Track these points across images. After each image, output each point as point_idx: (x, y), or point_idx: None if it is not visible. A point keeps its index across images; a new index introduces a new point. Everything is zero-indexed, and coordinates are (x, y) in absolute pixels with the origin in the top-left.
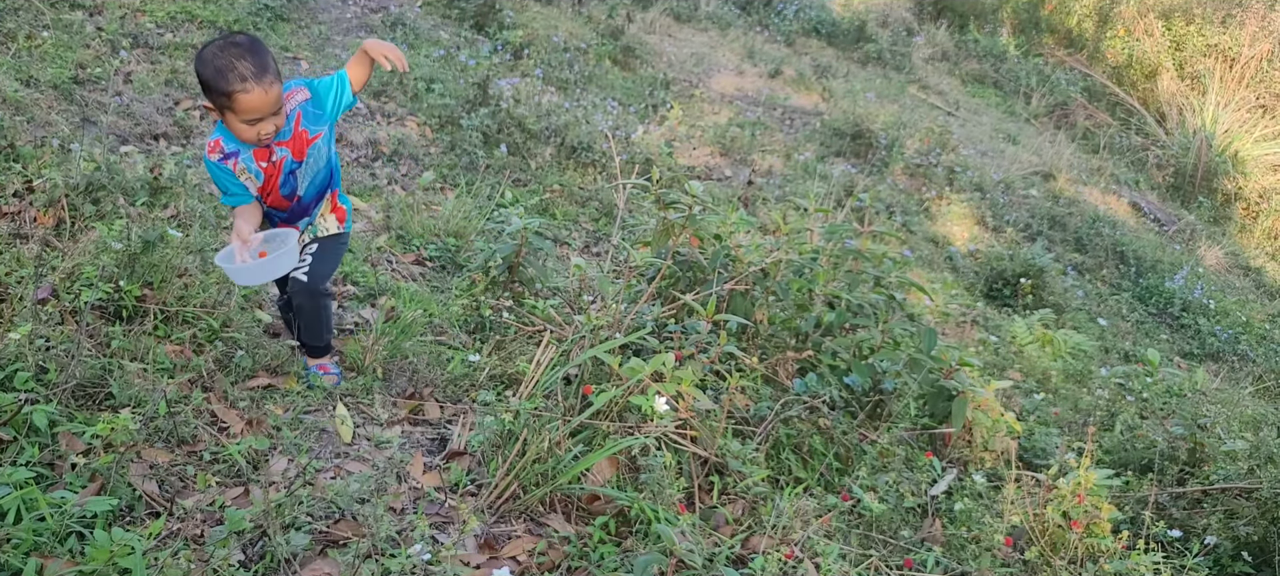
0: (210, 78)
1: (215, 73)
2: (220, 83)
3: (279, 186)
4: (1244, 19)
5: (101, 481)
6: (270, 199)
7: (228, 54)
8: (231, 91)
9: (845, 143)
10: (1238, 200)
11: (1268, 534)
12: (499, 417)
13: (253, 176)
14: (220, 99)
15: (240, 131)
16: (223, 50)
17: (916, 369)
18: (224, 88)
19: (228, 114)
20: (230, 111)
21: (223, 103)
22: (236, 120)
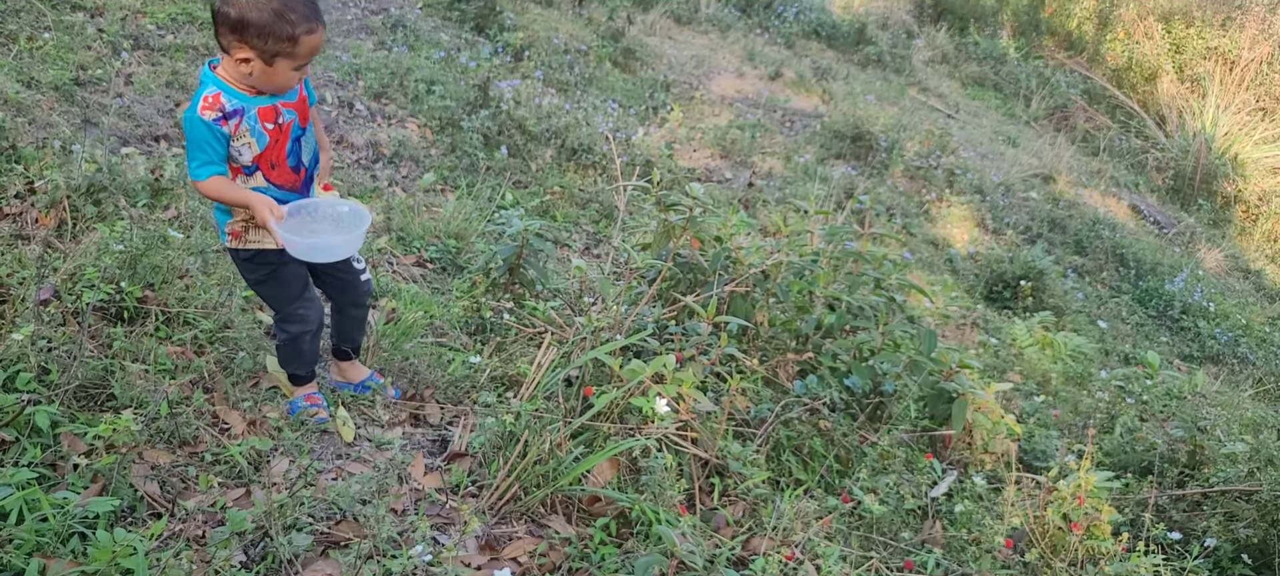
0: (266, 21)
1: (274, 16)
2: (282, 25)
3: (286, 155)
4: (1244, 22)
5: (103, 482)
6: (276, 173)
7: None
8: (297, 33)
9: (845, 145)
10: (1237, 203)
11: (1268, 536)
12: (500, 419)
13: (254, 139)
14: (281, 44)
15: (287, 82)
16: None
17: (917, 371)
18: (287, 30)
19: (279, 60)
20: (284, 57)
21: (284, 49)
22: (287, 66)
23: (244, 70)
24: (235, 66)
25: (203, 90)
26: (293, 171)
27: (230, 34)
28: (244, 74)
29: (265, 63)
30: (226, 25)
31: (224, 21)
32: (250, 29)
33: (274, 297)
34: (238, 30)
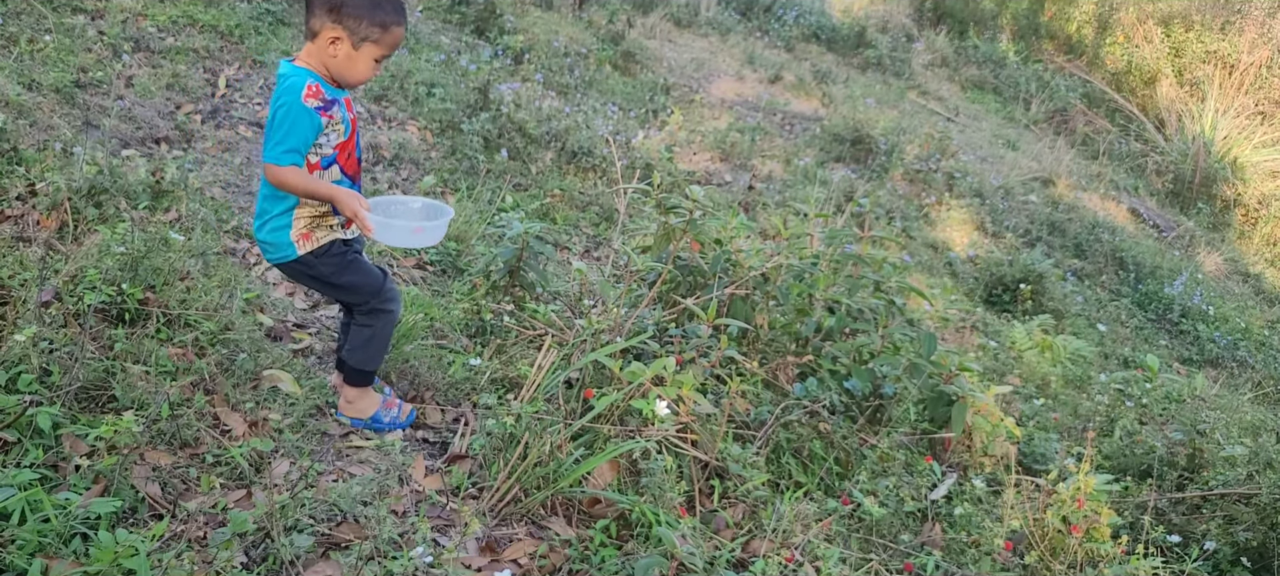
0: (363, 4)
1: (371, 2)
2: (377, 11)
3: (355, 147)
4: (1243, 26)
5: (105, 483)
6: (349, 163)
7: None
8: (391, 22)
9: (845, 148)
10: (1237, 206)
11: (1267, 539)
12: (500, 421)
13: (341, 126)
14: (373, 29)
15: (366, 71)
16: None
17: (916, 374)
18: (381, 17)
19: (367, 46)
20: (375, 44)
21: (374, 33)
22: (371, 54)
23: (330, 52)
24: (321, 51)
25: (302, 79)
26: (358, 162)
27: (326, 14)
28: (329, 56)
29: (353, 46)
30: (324, 5)
31: (322, 3)
32: (347, 9)
33: (361, 285)
34: (335, 10)
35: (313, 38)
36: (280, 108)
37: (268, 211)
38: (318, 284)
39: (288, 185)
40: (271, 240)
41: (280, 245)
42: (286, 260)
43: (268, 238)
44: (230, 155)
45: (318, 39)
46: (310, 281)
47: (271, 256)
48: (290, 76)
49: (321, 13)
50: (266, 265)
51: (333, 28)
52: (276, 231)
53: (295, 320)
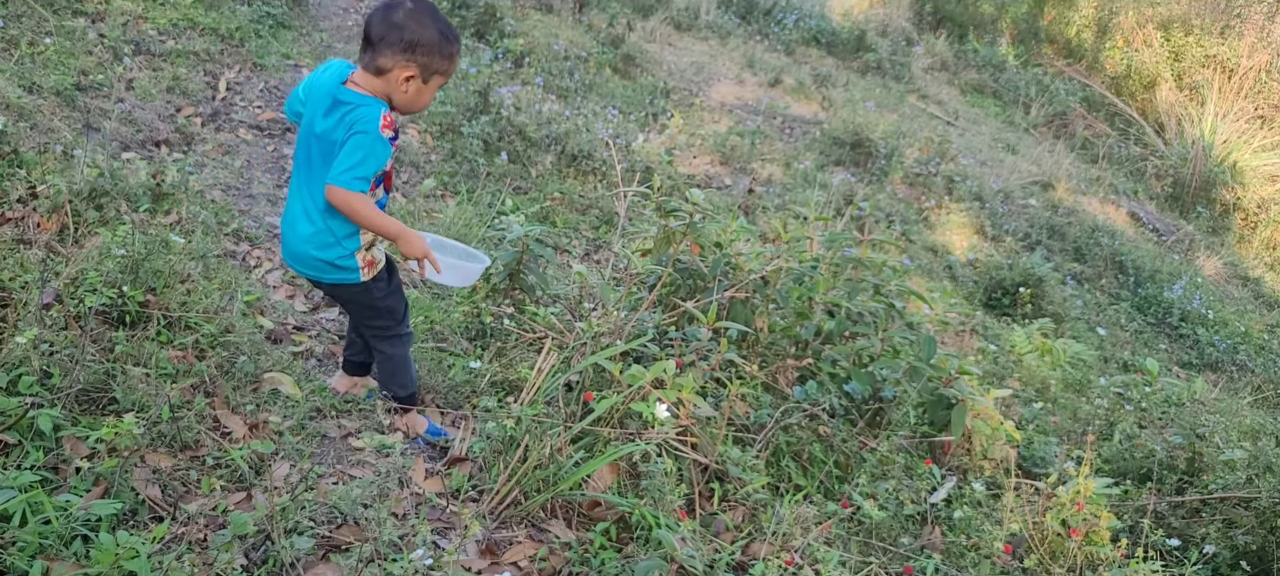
0: (435, 41)
1: (439, 37)
2: (446, 45)
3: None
4: (1242, 30)
5: (105, 485)
6: (387, 183)
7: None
8: (456, 53)
9: (845, 151)
10: (1236, 210)
11: (1266, 543)
12: (500, 424)
13: (395, 155)
14: (443, 62)
15: (429, 100)
16: (437, 12)
17: (916, 377)
18: (449, 49)
19: (436, 78)
20: (439, 76)
21: (443, 66)
22: (438, 84)
23: (402, 88)
24: (392, 86)
25: (377, 110)
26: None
27: (399, 54)
28: (400, 91)
29: (423, 81)
30: (398, 46)
31: (395, 43)
32: (419, 49)
33: (397, 310)
34: (409, 50)
35: (380, 74)
36: (357, 135)
37: (334, 232)
38: (360, 307)
39: (353, 211)
40: (339, 263)
41: (348, 270)
42: (345, 283)
43: (334, 259)
44: (231, 158)
45: (388, 76)
46: (355, 303)
47: (329, 277)
48: (362, 105)
49: (394, 52)
50: (267, 268)
51: (406, 66)
52: (347, 255)
53: (295, 323)
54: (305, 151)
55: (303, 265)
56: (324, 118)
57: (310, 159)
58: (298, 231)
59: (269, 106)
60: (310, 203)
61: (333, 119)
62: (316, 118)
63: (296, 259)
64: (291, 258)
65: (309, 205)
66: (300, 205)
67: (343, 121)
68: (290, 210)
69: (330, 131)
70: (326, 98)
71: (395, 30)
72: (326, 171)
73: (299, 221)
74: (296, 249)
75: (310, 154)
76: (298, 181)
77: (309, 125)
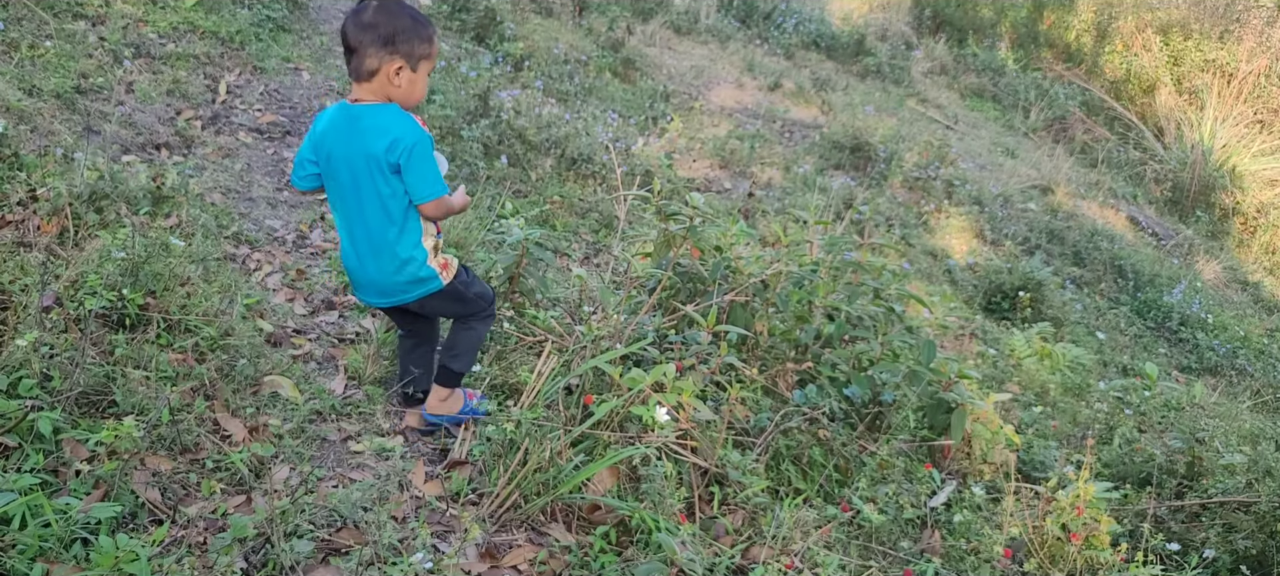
0: (410, 26)
1: (413, 21)
2: (422, 27)
3: None
4: (1241, 34)
5: (105, 488)
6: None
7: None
8: (432, 33)
9: (844, 155)
10: (1235, 215)
11: (1266, 547)
12: (500, 427)
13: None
14: (423, 45)
15: (424, 88)
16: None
17: (916, 381)
18: (426, 32)
19: (423, 63)
20: (427, 59)
21: (424, 49)
22: (427, 70)
23: (395, 83)
24: (386, 86)
25: (406, 116)
26: None
27: (382, 49)
28: (394, 88)
29: (412, 69)
30: (377, 43)
31: (374, 41)
32: (399, 37)
33: (485, 293)
34: (389, 43)
35: (371, 76)
36: (413, 146)
37: (400, 255)
38: (454, 304)
39: (448, 209)
40: (420, 275)
41: (429, 279)
42: (432, 293)
43: (414, 275)
44: (231, 161)
45: (378, 75)
46: (444, 304)
47: (416, 293)
48: (390, 117)
49: (376, 50)
50: (267, 271)
51: (391, 59)
52: (422, 266)
53: (295, 326)
54: (350, 188)
55: (386, 296)
56: (351, 138)
57: (359, 194)
58: (371, 268)
59: (269, 110)
60: (373, 235)
61: (365, 138)
62: (346, 148)
63: (379, 292)
64: (373, 293)
65: (372, 239)
66: (364, 242)
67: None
68: (354, 251)
69: (370, 152)
70: (343, 127)
71: (369, 30)
72: (380, 199)
73: (367, 259)
74: (378, 282)
75: (359, 188)
76: (349, 221)
77: (341, 163)
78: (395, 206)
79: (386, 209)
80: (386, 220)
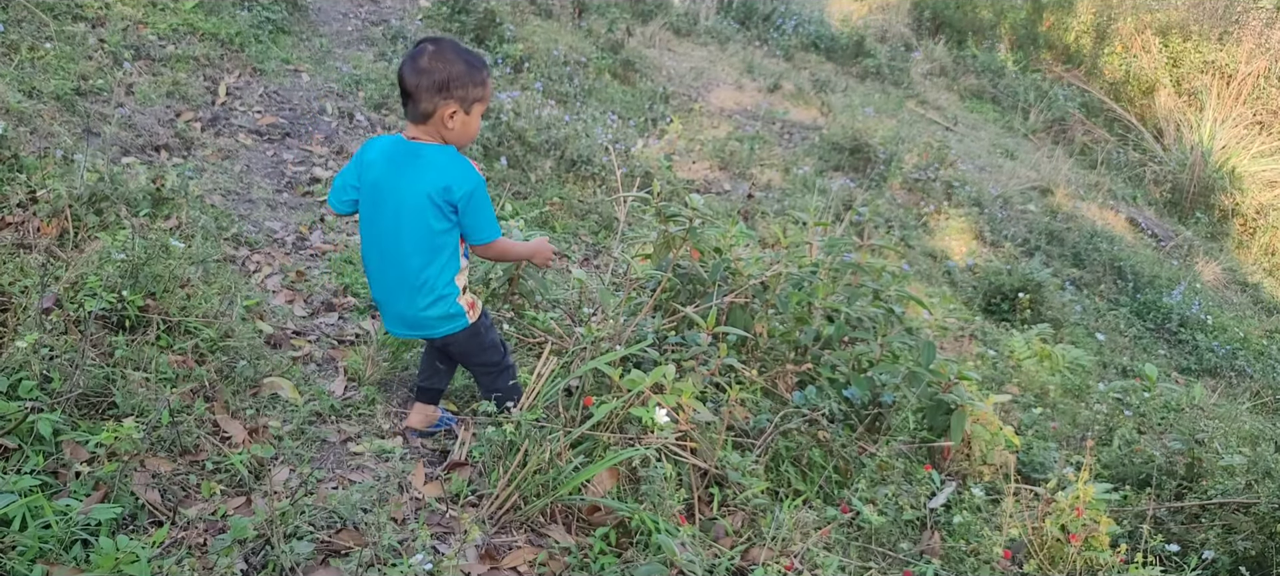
0: (464, 71)
1: (467, 66)
2: (476, 72)
3: None
4: (1241, 36)
5: (105, 489)
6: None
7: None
8: (485, 77)
9: (844, 157)
10: (1235, 216)
11: (1265, 548)
12: (500, 429)
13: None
14: (476, 89)
15: (477, 128)
16: (458, 45)
17: (915, 382)
18: (480, 76)
19: (476, 106)
20: (479, 103)
21: (478, 92)
22: (480, 111)
23: (449, 125)
24: (439, 127)
25: (461, 158)
26: None
27: (436, 94)
28: (447, 129)
29: (465, 111)
30: (432, 88)
31: (429, 87)
32: (453, 82)
33: (500, 342)
34: (443, 88)
35: (426, 119)
36: (473, 191)
37: (435, 287)
38: (473, 347)
39: (504, 252)
40: (448, 313)
41: (456, 316)
42: (457, 331)
43: (445, 311)
44: (230, 163)
45: (433, 118)
46: (466, 342)
47: (443, 330)
48: (447, 159)
49: (431, 94)
50: (266, 272)
51: (446, 103)
52: (453, 303)
53: (295, 328)
54: (391, 220)
55: (416, 329)
56: (403, 173)
57: (400, 227)
58: (404, 303)
59: (269, 112)
60: (408, 269)
61: (420, 176)
62: (396, 181)
63: (409, 325)
64: (402, 325)
65: (405, 272)
66: (394, 273)
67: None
68: (385, 283)
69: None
70: (398, 157)
71: (425, 75)
72: (427, 235)
73: (398, 291)
74: (409, 316)
75: (401, 222)
76: (382, 252)
77: (388, 195)
78: (439, 244)
79: (430, 245)
80: (427, 256)
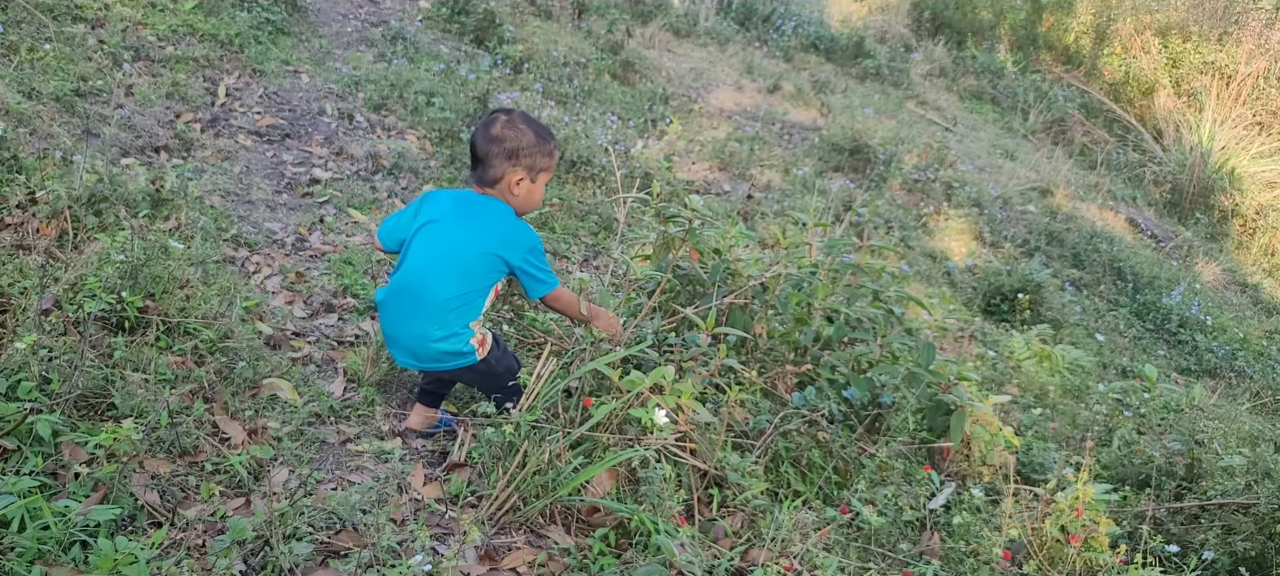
0: (535, 141)
1: (537, 137)
2: (545, 143)
3: None
4: (1240, 37)
5: (104, 491)
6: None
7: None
8: (553, 148)
9: (843, 158)
10: (1234, 217)
11: (1265, 549)
12: (499, 430)
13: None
14: (543, 159)
15: (541, 196)
16: (529, 117)
17: (915, 383)
18: (549, 146)
19: (541, 175)
20: (544, 172)
21: (544, 162)
22: (545, 181)
23: (515, 191)
24: (505, 192)
25: (521, 224)
26: None
27: (506, 162)
28: (512, 195)
29: (531, 180)
30: (502, 155)
31: (500, 154)
32: (522, 152)
33: (512, 368)
34: (513, 156)
35: (494, 183)
36: (531, 251)
37: (450, 324)
38: (482, 378)
39: (569, 308)
40: (460, 349)
41: (466, 354)
42: (465, 366)
43: (454, 348)
44: (230, 164)
45: (500, 183)
46: (472, 376)
47: (451, 365)
48: (509, 221)
49: (500, 161)
50: (266, 273)
51: (514, 170)
52: (463, 342)
53: (294, 329)
54: (435, 251)
55: (419, 360)
56: (468, 219)
57: (443, 261)
58: (419, 335)
59: (268, 113)
60: (435, 300)
61: (481, 228)
62: (457, 223)
63: (413, 355)
64: (413, 358)
65: (433, 303)
66: (411, 302)
67: (500, 241)
68: (398, 309)
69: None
70: (467, 204)
71: (497, 143)
72: (467, 277)
73: (410, 319)
74: (412, 348)
75: (445, 257)
76: (416, 289)
77: (445, 232)
78: (473, 289)
79: (465, 287)
80: (457, 296)
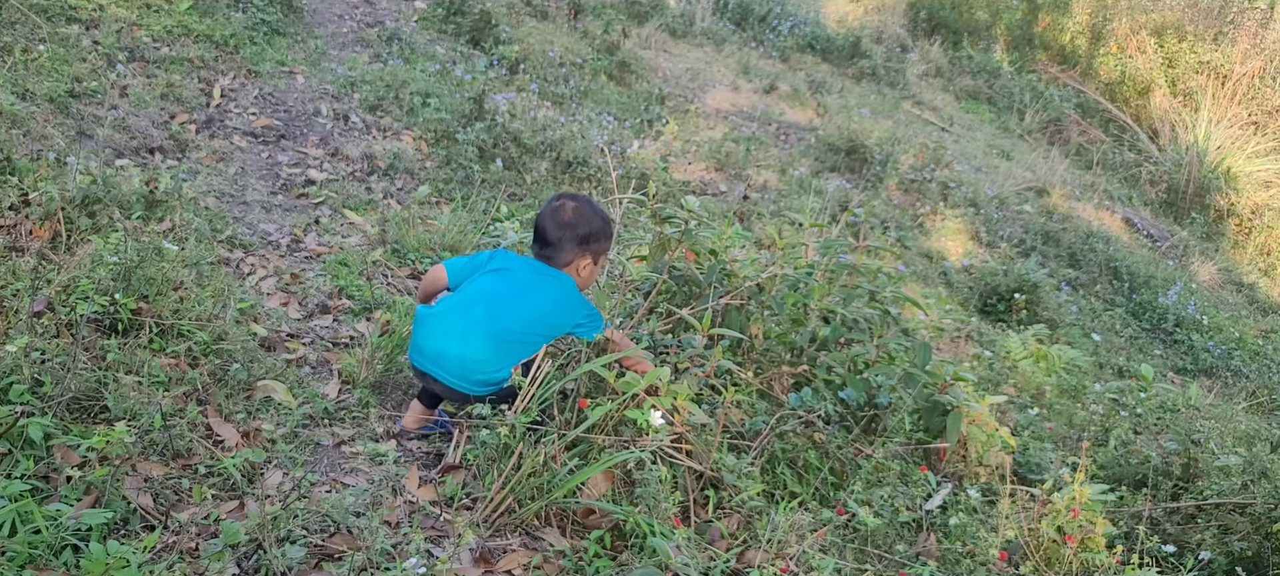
0: (603, 227)
1: (604, 223)
2: (609, 228)
3: None
4: (1236, 36)
5: (97, 494)
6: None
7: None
8: (613, 232)
9: (840, 158)
10: (1230, 216)
11: (1261, 549)
12: (495, 432)
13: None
14: (607, 244)
15: (595, 274)
16: (593, 202)
17: (911, 383)
18: (611, 231)
19: (602, 258)
20: (604, 255)
21: (606, 246)
22: (604, 262)
23: (581, 274)
24: (570, 272)
25: (583, 300)
26: None
27: (578, 247)
28: (577, 276)
29: (594, 262)
30: (573, 241)
31: (571, 239)
32: (592, 239)
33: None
34: (585, 242)
35: (563, 266)
36: (589, 321)
37: (503, 357)
38: (500, 395)
39: (618, 346)
40: (497, 381)
41: (500, 382)
42: (491, 394)
43: (495, 379)
44: (225, 165)
45: (569, 266)
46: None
47: (484, 391)
48: (574, 298)
49: (572, 247)
50: (261, 275)
51: (582, 256)
52: (505, 375)
53: (289, 330)
54: (508, 290)
55: (474, 387)
56: (541, 281)
57: (507, 305)
58: (468, 358)
59: (264, 114)
60: (497, 334)
61: (548, 296)
62: (531, 277)
63: (471, 384)
64: (464, 382)
65: (493, 337)
66: (481, 337)
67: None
68: (454, 335)
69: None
70: (539, 268)
71: (568, 229)
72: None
73: (468, 346)
74: (474, 378)
75: (511, 302)
76: (482, 317)
77: (518, 282)
78: (534, 334)
79: (529, 329)
80: (521, 332)
